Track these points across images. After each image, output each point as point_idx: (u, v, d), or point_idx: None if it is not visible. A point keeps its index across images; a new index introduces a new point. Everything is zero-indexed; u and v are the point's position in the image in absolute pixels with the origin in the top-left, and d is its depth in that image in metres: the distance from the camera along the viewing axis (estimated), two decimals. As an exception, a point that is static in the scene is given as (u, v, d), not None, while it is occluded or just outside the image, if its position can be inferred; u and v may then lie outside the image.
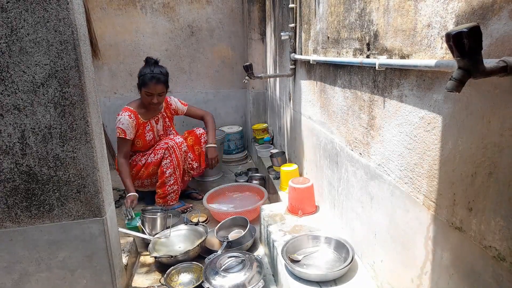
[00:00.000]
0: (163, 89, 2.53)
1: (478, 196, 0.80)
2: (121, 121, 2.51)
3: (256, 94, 3.82)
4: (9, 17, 1.21)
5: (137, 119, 2.57)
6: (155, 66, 2.54)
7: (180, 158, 2.60)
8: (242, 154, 3.92)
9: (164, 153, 2.55)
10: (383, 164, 1.23)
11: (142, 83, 2.50)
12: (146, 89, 2.49)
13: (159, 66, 2.57)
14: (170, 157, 2.56)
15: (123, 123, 2.50)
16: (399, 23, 1.06)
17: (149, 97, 2.51)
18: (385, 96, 1.19)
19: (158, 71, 2.51)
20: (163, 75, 2.53)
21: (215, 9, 3.78)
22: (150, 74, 2.48)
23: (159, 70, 2.52)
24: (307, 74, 2.10)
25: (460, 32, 0.57)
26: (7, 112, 1.28)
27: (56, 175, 1.37)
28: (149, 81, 2.46)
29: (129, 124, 2.51)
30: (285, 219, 1.92)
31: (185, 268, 1.88)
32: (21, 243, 1.40)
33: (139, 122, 2.59)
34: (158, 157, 2.56)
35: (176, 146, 2.57)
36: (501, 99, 0.72)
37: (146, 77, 2.47)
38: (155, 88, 2.49)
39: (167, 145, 2.55)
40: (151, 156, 2.59)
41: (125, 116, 2.52)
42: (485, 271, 0.79)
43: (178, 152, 2.58)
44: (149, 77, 2.47)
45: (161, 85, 2.51)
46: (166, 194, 2.58)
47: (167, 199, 2.60)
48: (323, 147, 1.87)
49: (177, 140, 2.61)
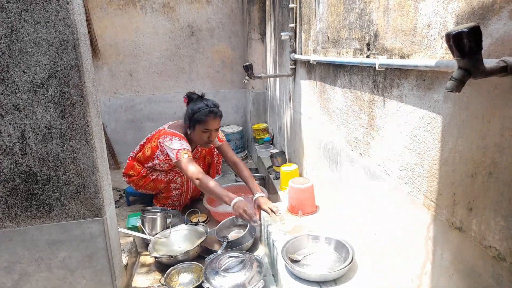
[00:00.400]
0: (219, 124, 2.31)
1: (478, 196, 0.80)
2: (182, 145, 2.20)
3: (256, 94, 3.82)
4: (9, 17, 1.21)
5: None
6: (206, 99, 2.33)
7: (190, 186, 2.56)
8: (242, 154, 3.91)
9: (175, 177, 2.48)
10: (383, 164, 1.23)
11: (199, 119, 2.23)
12: (204, 126, 2.23)
13: (208, 99, 2.35)
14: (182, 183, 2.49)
15: (182, 144, 2.21)
16: (399, 23, 1.06)
17: (205, 133, 2.26)
18: (385, 96, 1.19)
19: (211, 104, 2.29)
20: (218, 108, 2.31)
21: (215, 9, 3.78)
22: (206, 108, 2.23)
23: (212, 103, 2.30)
24: (307, 74, 2.10)
25: (460, 32, 0.57)
26: (7, 112, 1.28)
27: (56, 175, 1.37)
28: (207, 116, 2.22)
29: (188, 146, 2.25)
30: (285, 219, 1.92)
31: (185, 268, 1.88)
32: (21, 243, 1.40)
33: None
34: (170, 178, 2.50)
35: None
36: (501, 99, 0.72)
37: (203, 112, 2.22)
38: (214, 123, 2.25)
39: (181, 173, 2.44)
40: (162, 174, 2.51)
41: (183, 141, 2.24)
42: (485, 271, 0.79)
43: (190, 182, 2.51)
44: (206, 112, 2.23)
45: (219, 119, 2.29)
46: (164, 203, 2.60)
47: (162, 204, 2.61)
48: (323, 147, 1.87)
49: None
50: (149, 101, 3.80)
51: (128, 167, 2.62)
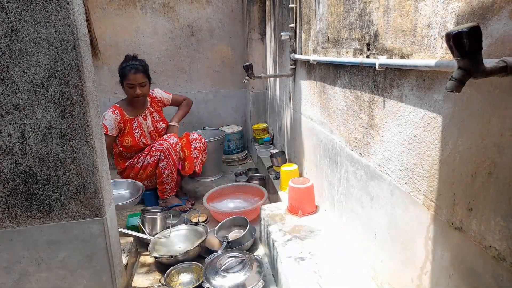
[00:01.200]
0: (143, 78, 2.55)
1: (478, 196, 0.80)
2: (104, 117, 2.54)
3: (256, 94, 3.82)
4: (9, 17, 1.21)
5: (122, 115, 2.59)
6: (133, 59, 2.58)
7: (175, 159, 2.63)
8: (242, 154, 3.92)
9: (160, 155, 2.57)
10: (383, 164, 1.23)
11: (122, 76, 2.53)
12: (127, 81, 2.51)
13: (137, 59, 2.60)
14: (166, 159, 2.57)
15: (106, 119, 2.54)
16: (399, 23, 1.06)
17: (131, 89, 2.53)
18: (385, 96, 1.19)
19: (135, 62, 2.55)
20: (141, 65, 2.56)
21: (215, 9, 3.78)
22: (128, 65, 2.52)
23: (137, 61, 2.56)
24: (307, 74, 2.10)
25: (460, 32, 0.57)
26: (7, 112, 1.28)
27: (56, 175, 1.37)
28: (128, 72, 2.49)
29: (112, 120, 2.54)
30: (285, 219, 1.92)
31: (185, 268, 1.88)
32: (21, 243, 1.40)
33: (125, 118, 2.61)
34: (155, 159, 2.58)
35: (171, 148, 2.59)
36: (501, 99, 0.72)
37: (125, 69, 2.51)
38: (135, 77, 2.50)
39: (162, 147, 2.57)
40: (147, 158, 2.61)
41: (108, 112, 2.56)
42: (485, 271, 0.79)
43: (173, 154, 2.60)
44: (127, 68, 2.50)
45: (141, 74, 2.52)
46: (165, 190, 2.67)
47: (164, 193, 2.68)
48: (323, 147, 1.87)
49: (171, 141, 2.62)
50: (149, 101, 3.80)
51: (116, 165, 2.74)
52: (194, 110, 3.99)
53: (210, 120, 4.07)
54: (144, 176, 2.63)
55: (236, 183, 2.99)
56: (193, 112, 3.98)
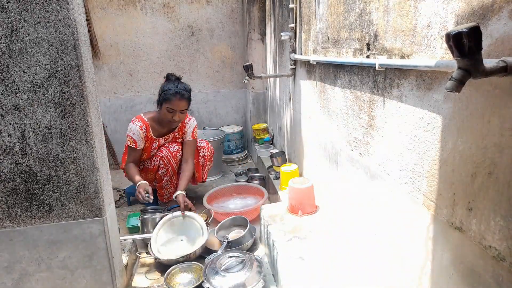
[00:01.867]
0: (186, 106, 2.44)
1: (478, 196, 0.80)
2: (132, 130, 2.44)
3: (256, 94, 3.82)
4: (9, 17, 1.21)
5: (147, 132, 2.49)
6: (179, 82, 2.48)
7: (175, 166, 2.59)
8: (242, 154, 3.92)
9: (159, 163, 2.54)
10: (383, 164, 1.23)
11: (165, 98, 2.39)
12: (168, 105, 2.37)
13: (182, 82, 2.50)
14: (166, 167, 2.54)
15: (134, 133, 2.43)
16: (399, 23, 1.06)
17: (170, 113, 2.40)
18: (385, 96, 1.19)
19: (182, 87, 2.44)
20: (187, 91, 2.45)
21: (215, 9, 3.78)
22: (174, 89, 2.39)
23: (183, 86, 2.45)
24: (307, 74, 2.10)
25: (460, 32, 0.58)
26: (7, 112, 1.28)
27: (56, 175, 1.37)
28: (172, 96, 2.37)
29: (139, 136, 2.44)
30: (285, 219, 1.92)
31: (185, 268, 1.88)
32: (21, 243, 1.40)
33: (149, 136, 2.51)
34: (155, 164, 2.55)
35: (170, 156, 2.55)
36: (501, 99, 0.72)
37: (170, 92, 2.38)
38: (179, 104, 2.38)
39: (162, 154, 2.53)
40: (147, 162, 2.59)
41: (136, 126, 2.44)
42: (485, 271, 0.79)
43: (173, 162, 2.56)
44: (172, 92, 2.38)
45: (184, 102, 2.42)
46: (163, 194, 2.64)
47: (164, 197, 2.66)
48: (323, 147, 1.87)
49: (172, 149, 2.58)
50: (149, 101, 3.80)
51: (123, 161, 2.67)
52: (194, 110, 3.99)
53: (210, 120, 4.07)
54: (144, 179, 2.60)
55: (236, 183, 2.99)
56: (193, 112, 3.99)
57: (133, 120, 2.49)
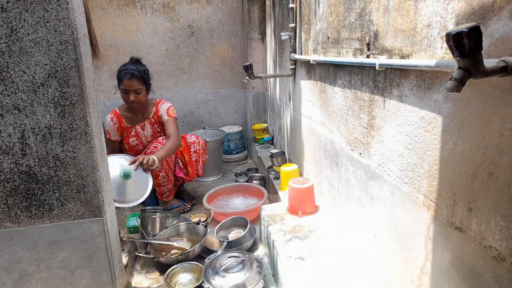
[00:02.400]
0: (139, 85, 2.44)
1: (478, 196, 0.80)
2: (106, 122, 2.55)
3: (256, 94, 3.82)
4: (9, 17, 1.21)
5: (120, 123, 2.58)
6: (134, 63, 2.51)
7: (170, 162, 2.60)
8: (242, 154, 3.92)
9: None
10: (383, 164, 1.23)
11: (118, 80, 2.47)
12: (122, 86, 2.44)
13: (138, 64, 2.53)
14: (160, 162, 2.51)
15: (107, 124, 2.55)
16: (399, 23, 1.06)
17: (125, 94, 2.45)
18: (385, 96, 1.19)
19: (133, 67, 2.45)
20: (138, 71, 2.45)
21: (215, 9, 3.78)
22: (124, 70, 2.44)
23: (135, 66, 2.47)
24: (307, 74, 2.10)
25: (460, 32, 0.57)
26: (7, 112, 1.28)
27: (56, 175, 1.37)
28: (123, 77, 2.42)
29: (110, 126, 2.56)
30: (285, 219, 1.92)
31: (185, 268, 1.88)
32: (21, 243, 1.40)
33: (123, 126, 2.59)
34: None
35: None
36: (501, 99, 0.72)
37: (121, 73, 2.44)
38: (130, 83, 2.41)
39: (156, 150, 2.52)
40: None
41: (107, 118, 2.56)
42: (485, 271, 0.79)
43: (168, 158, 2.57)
44: (123, 73, 2.43)
45: (136, 81, 2.42)
46: (162, 192, 2.65)
47: (163, 196, 2.67)
48: (323, 147, 1.87)
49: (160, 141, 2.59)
50: (149, 101, 3.80)
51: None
52: (194, 110, 3.99)
53: (210, 120, 4.07)
54: None
55: (236, 183, 2.99)
56: (193, 112, 3.99)
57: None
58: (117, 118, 2.57)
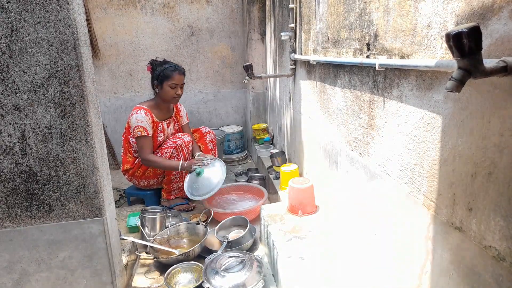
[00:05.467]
0: (184, 80, 2.56)
1: (478, 196, 0.80)
2: (138, 119, 2.44)
3: (256, 94, 3.82)
4: (9, 17, 1.21)
5: (152, 118, 2.54)
6: (168, 63, 2.56)
7: (188, 157, 2.60)
8: (242, 154, 3.92)
9: (172, 152, 2.52)
10: (383, 164, 1.23)
11: (165, 76, 2.47)
12: (171, 82, 2.47)
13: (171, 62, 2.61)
14: (178, 156, 2.54)
15: (142, 120, 2.44)
16: (399, 23, 1.06)
17: (173, 89, 2.50)
18: (385, 96, 1.19)
19: (175, 64, 2.55)
20: (182, 68, 2.58)
21: (215, 9, 3.78)
22: (172, 66, 2.51)
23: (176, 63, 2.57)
24: (307, 74, 2.10)
25: (460, 32, 0.58)
26: (7, 112, 1.28)
27: (56, 175, 1.37)
28: (172, 72, 2.48)
29: (147, 121, 2.48)
30: (285, 219, 1.92)
31: (185, 268, 1.88)
32: (21, 243, 1.40)
33: (154, 120, 2.56)
34: (166, 156, 2.52)
35: (184, 145, 2.56)
36: (501, 99, 0.72)
37: (169, 69, 2.48)
38: (180, 78, 2.50)
39: (175, 144, 2.53)
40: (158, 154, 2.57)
41: (142, 113, 2.46)
42: (485, 271, 0.79)
43: (186, 151, 2.57)
44: (171, 69, 2.49)
45: (183, 76, 2.55)
46: (171, 190, 2.64)
47: (171, 194, 2.66)
48: (323, 147, 1.87)
49: (185, 139, 2.59)
50: (149, 101, 3.81)
51: (123, 162, 2.66)
52: (194, 110, 3.99)
53: (210, 120, 4.07)
54: (151, 174, 2.59)
55: (236, 183, 2.99)
56: (193, 112, 3.99)
57: (132, 113, 2.49)
58: (149, 113, 2.53)
